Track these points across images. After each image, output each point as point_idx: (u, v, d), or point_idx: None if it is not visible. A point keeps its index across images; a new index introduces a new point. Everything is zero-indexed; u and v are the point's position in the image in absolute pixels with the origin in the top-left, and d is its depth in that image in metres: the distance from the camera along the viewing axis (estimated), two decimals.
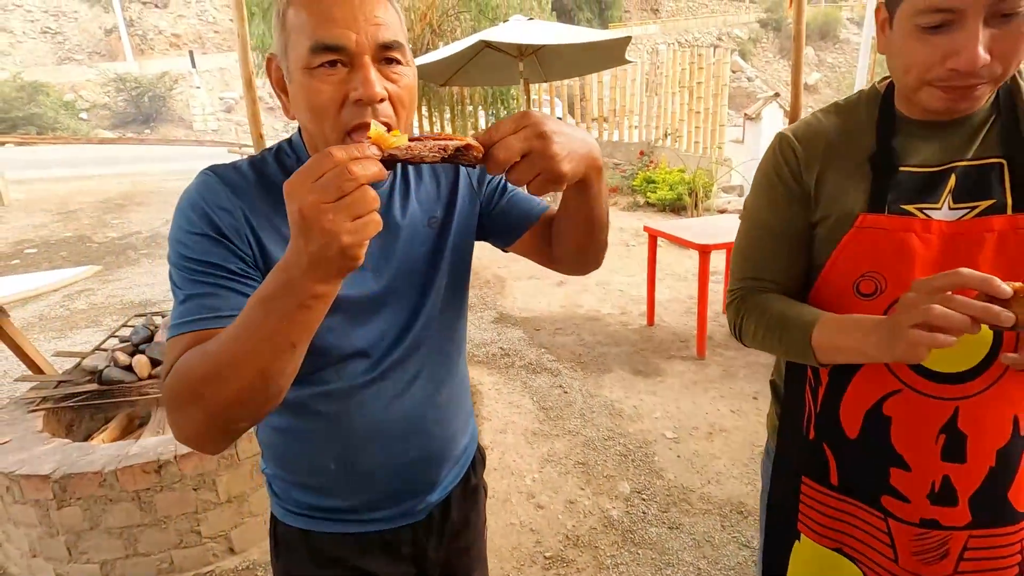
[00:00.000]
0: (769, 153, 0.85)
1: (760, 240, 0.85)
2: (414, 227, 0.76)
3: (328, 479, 0.78)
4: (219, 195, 0.65)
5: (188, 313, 0.60)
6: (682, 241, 3.23)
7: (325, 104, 0.61)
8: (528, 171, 0.56)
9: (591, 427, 2.53)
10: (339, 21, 0.60)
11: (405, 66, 0.66)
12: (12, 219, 6.93)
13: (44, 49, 20.98)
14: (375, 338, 0.74)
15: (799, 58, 3.80)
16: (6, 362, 3.30)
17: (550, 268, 0.88)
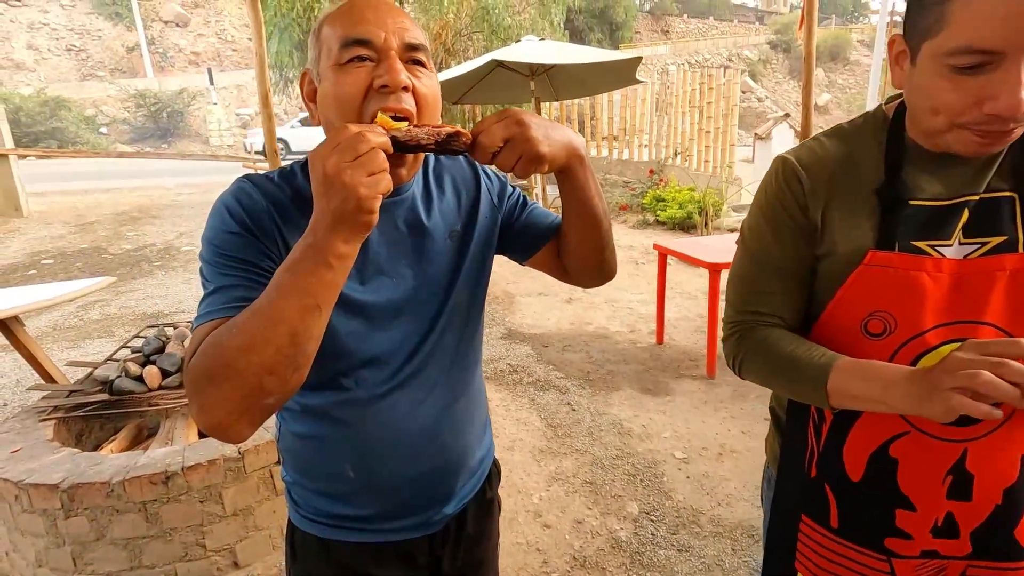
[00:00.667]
0: (772, 180, 0.79)
1: (762, 272, 0.81)
2: (435, 239, 0.78)
3: (346, 487, 0.79)
4: (253, 199, 0.68)
5: (216, 303, 0.63)
6: (692, 259, 3.22)
7: (352, 93, 0.66)
8: (511, 155, 0.64)
9: (599, 446, 2.51)
10: (369, 20, 0.67)
11: (429, 71, 0.71)
12: (31, 230, 7.06)
13: (68, 65, 21.55)
14: (393, 345, 0.75)
15: (809, 79, 3.82)
16: (19, 371, 3.34)
17: (565, 280, 0.91)
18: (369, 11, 0.67)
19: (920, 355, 0.69)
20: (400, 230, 0.76)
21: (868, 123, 0.76)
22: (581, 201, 0.76)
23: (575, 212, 0.78)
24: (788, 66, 34.81)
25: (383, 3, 0.70)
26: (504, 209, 0.87)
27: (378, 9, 0.68)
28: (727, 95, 7.60)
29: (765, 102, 28.57)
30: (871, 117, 0.76)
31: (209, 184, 11.08)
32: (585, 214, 0.78)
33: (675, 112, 8.66)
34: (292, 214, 0.69)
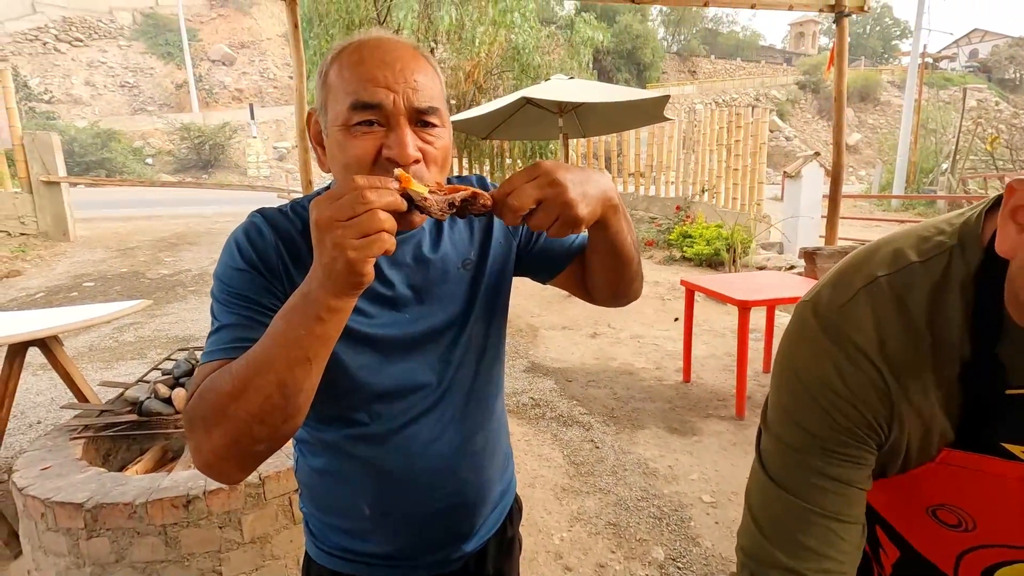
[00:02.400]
0: (811, 361, 0.55)
1: (799, 511, 0.56)
2: (447, 269, 0.76)
3: (363, 523, 0.77)
4: (263, 234, 0.68)
5: (219, 342, 0.63)
6: (721, 296, 3.16)
7: (359, 159, 0.63)
8: (546, 217, 0.59)
9: (623, 486, 2.43)
10: (379, 81, 0.63)
11: (440, 128, 0.67)
12: (76, 254, 7.37)
13: (121, 100, 22.85)
14: (407, 379, 0.74)
15: (841, 118, 3.81)
16: (55, 390, 3.42)
17: (587, 300, 0.88)
18: (380, 68, 0.63)
19: (1002, 564, 0.56)
20: (410, 264, 0.74)
21: (943, 275, 0.52)
22: (613, 244, 0.73)
23: (605, 252, 0.74)
24: (817, 106, 34.79)
25: (396, 55, 0.65)
26: (520, 235, 0.84)
27: (391, 65, 0.64)
28: (755, 133, 7.61)
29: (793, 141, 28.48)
30: (944, 270, 0.52)
31: (244, 213, 11.41)
32: (616, 254, 0.74)
33: (702, 149, 8.69)
34: (301, 249, 0.69)
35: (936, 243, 0.53)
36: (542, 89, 5.32)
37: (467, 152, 9.19)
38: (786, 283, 3.45)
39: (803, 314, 0.57)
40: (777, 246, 7.62)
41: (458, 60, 8.20)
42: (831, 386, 0.54)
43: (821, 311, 0.55)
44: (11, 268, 6.61)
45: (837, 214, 3.97)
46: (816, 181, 7.35)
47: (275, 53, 26.79)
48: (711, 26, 42.56)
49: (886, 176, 17.14)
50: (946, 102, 24.77)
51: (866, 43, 48.28)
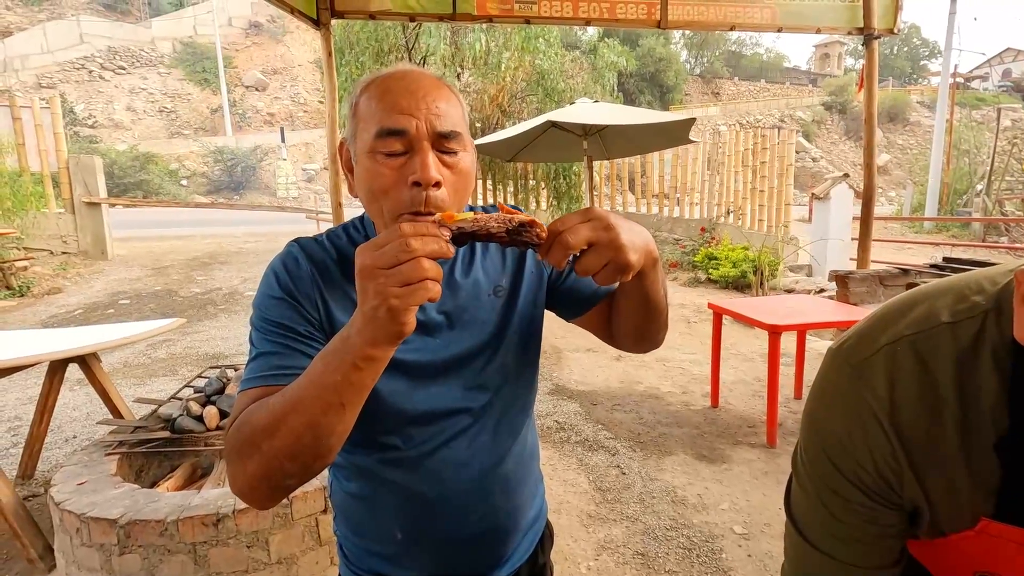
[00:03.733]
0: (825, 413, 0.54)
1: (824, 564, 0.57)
2: (479, 296, 0.77)
3: (395, 548, 0.78)
4: (299, 263, 0.71)
5: (257, 370, 0.65)
6: (750, 320, 3.10)
7: (384, 185, 0.66)
8: (597, 260, 0.58)
9: (651, 514, 2.37)
10: (403, 109, 0.66)
11: (463, 152, 0.70)
12: (113, 272, 7.62)
13: (159, 125, 23.79)
14: (439, 404, 0.74)
15: (871, 139, 3.76)
16: (90, 405, 3.51)
17: (609, 344, 0.88)
18: (405, 97, 0.67)
19: None
20: (445, 289, 0.75)
21: (986, 337, 0.48)
22: (648, 294, 0.73)
23: (639, 302, 0.74)
24: (844, 127, 34.39)
25: (420, 84, 0.69)
26: (550, 267, 0.84)
27: (414, 93, 0.67)
28: (782, 154, 7.54)
29: (820, 162, 28.12)
30: (988, 325, 0.48)
31: (274, 233, 11.74)
32: (649, 305, 0.74)
33: (727, 171, 8.64)
34: (335, 276, 0.71)
35: (971, 304, 0.49)
36: (567, 112, 5.37)
37: (491, 174, 9.30)
38: (818, 307, 3.37)
39: (827, 362, 0.55)
40: (805, 268, 7.48)
41: (483, 84, 8.35)
42: (841, 444, 0.52)
43: (840, 362, 0.53)
44: (52, 286, 6.86)
45: (869, 236, 3.89)
46: (845, 203, 7.22)
47: (306, 79, 27.67)
48: (734, 48, 42.63)
49: (918, 197, 16.76)
50: (979, 122, 24.24)
51: (894, 64, 47.75)
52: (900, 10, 3.63)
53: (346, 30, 7.25)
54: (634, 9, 3.46)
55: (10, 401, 3.64)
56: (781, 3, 3.50)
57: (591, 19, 3.47)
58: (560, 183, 8.50)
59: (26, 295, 6.56)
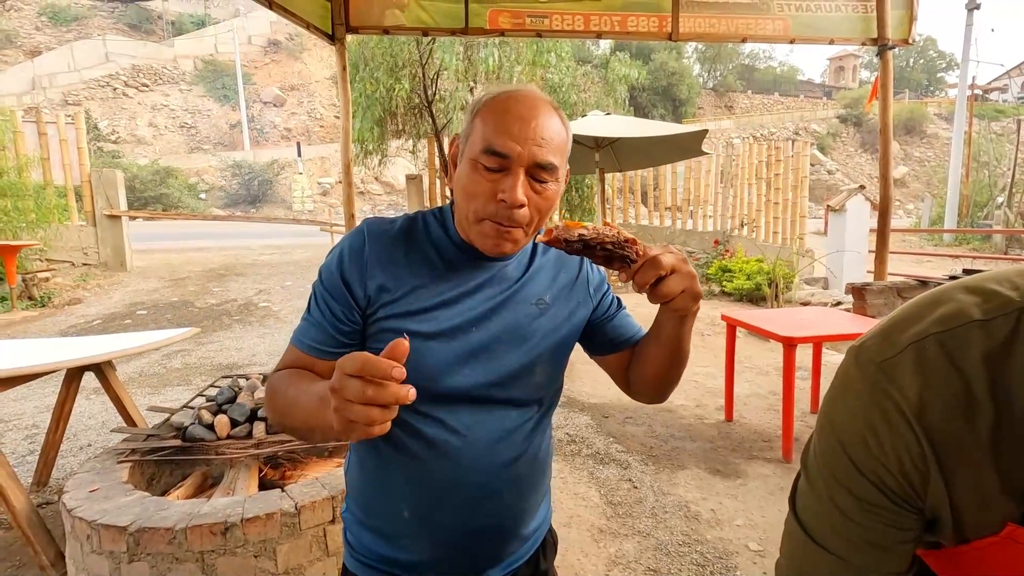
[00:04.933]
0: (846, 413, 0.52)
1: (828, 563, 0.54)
2: (523, 301, 0.83)
3: (400, 527, 0.81)
4: (360, 245, 0.79)
5: (298, 331, 0.81)
6: (765, 332, 3.06)
7: (477, 193, 0.75)
8: (678, 285, 0.68)
9: (663, 529, 2.32)
10: (512, 135, 0.73)
11: (553, 183, 0.77)
12: (132, 283, 7.75)
13: (179, 140, 24.32)
14: (467, 383, 0.78)
15: (887, 151, 3.72)
16: (105, 414, 3.55)
17: (622, 388, 0.94)
18: (517, 123, 0.73)
19: None
20: (493, 285, 0.82)
21: (1021, 335, 0.45)
22: (681, 340, 0.80)
23: (671, 346, 0.81)
24: (859, 139, 34.12)
25: (534, 112, 0.75)
26: (597, 302, 0.91)
27: (527, 121, 0.74)
28: (796, 167, 7.49)
29: (836, 175, 27.90)
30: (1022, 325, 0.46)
31: (289, 246, 11.87)
32: (678, 351, 0.81)
33: (741, 183, 8.59)
34: (390, 252, 0.79)
35: (1004, 300, 0.46)
36: (579, 125, 5.40)
37: None
38: (833, 319, 3.32)
39: (847, 361, 0.53)
40: (821, 281, 7.38)
41: None
42: (864, 443, 0.50)
43: (863, 362, 0.51)
44: (72, 296, 6.99)
45: (886, 248, 3.83)
46: (861, 215, 7.13)
47: (322, 95, 28.17)
48: (747, 62, 42.65)
49: (936, 210, 16.52)
50: (998, 134, 23.91)
51: (910, 76, 47.39)
52: (914, 20, 3.61)
53: (361, 46, 7.38)
54: (645, 22, 3.48)
55: (28, 409, 3.70)
56: (793, 14, 3.49)
57: (602, 32, 3.50)
58: (572, 195, 8.52)
59: (47, 305, 6.69)
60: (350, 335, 0.79)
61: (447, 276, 0.80)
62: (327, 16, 3.29)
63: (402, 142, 8.94)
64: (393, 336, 0.70)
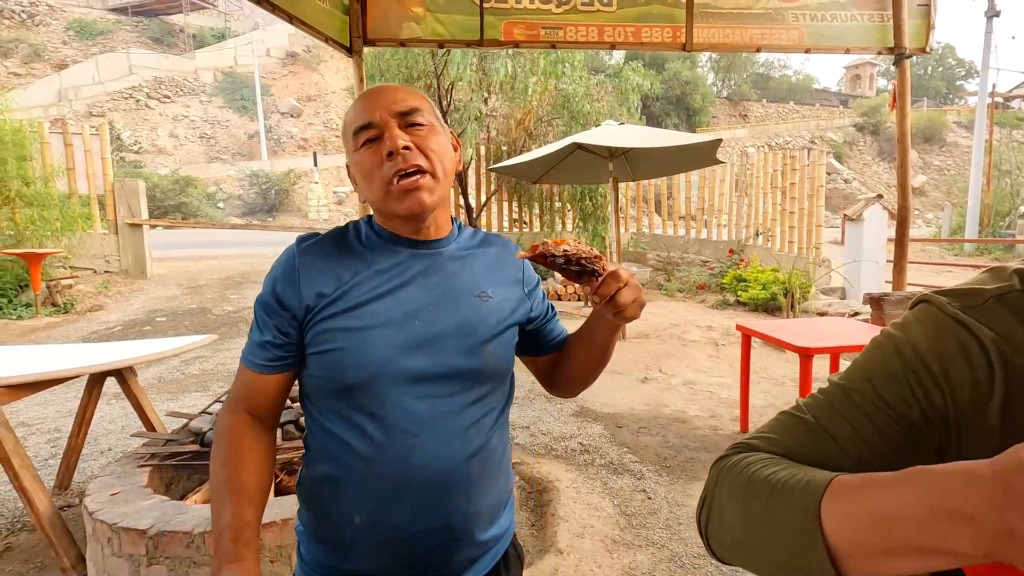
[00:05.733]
0: (920, 333, 0.50)
1: (814, 431, 0.52)
2: (465, 293, 0.86)
3: (351, 535, 0.81)
4: (291, 260, 0.83)
5: (245, 350, 0.85)
6: (781, 342, 3.03)
7: (369, 168, 0.81)
8: (631, 295, 0.78)
9: (678, 541, 2.30)
10: (368, 108, 0.82)
11: (428, 125, 0.83)
12: (151, 291, 7.89)
13: (199, 150, 24.77)
14: (413, 376, 0.80)
15: (905, 159, 3.68)
16: (125, 418, 3.61)
17: (545, 386, 1.03)
18: (368, 99, 0.83)
19: None
20: (431, 278, 0.85)
21: None
22: (610, 344, 0.91)
23: (600, 351, 0.91)
24: (876, 148, 33.73)
25: (380, 88, 0.85)
26: (534, 303, 0.96)
27: (376, 95, 0.83)
28: (812, 176, 7.43)
29: (852, 183, 27.59)
30: None
31: None
32: (606, 353, 0.92)
33: (755, 192, 8.54)
34: (317, 261, 0.82)
35: None
36: (593, 135, 5.41)
37: (517, 196, 9.38)
38: (852, 330, 3.28)
39: (921, 307, 0.52)
40: (838, 291, 7.28)
41: (510, 109, 8.48)
42: (926, 362, 0.49)
43: (943, 305, 0.50)
44: (94, 303, 7.14)
45: (905, 258, 3.78)
46: (879, 224, 7.05)
47: (338, 105, 28.56)
48: (762, 71, 42.48)
49: (957, 219, 16.25)
50: (1020, 142, 23.48)
51: (928, 84, 46.85)
52: (932, 29, 3.58)
53: (377, 58, 7.49)
54: (659, 33, 3.49)
55: (51, 414, 3.78)
56: (809, 24, 3.49)
57: (616, 43, 3.52)
58: (586, 204, 8.51)
59: (70, 312, 6.83)
60: (290, 347, 0.83)
61: (381, 270, 0.83)
62: (345, 29, 3.35)
63: None
64: (334, 335, 0.78)
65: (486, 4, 3.44)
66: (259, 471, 0.81)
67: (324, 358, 0.79)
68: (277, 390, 0.85)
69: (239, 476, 0.78)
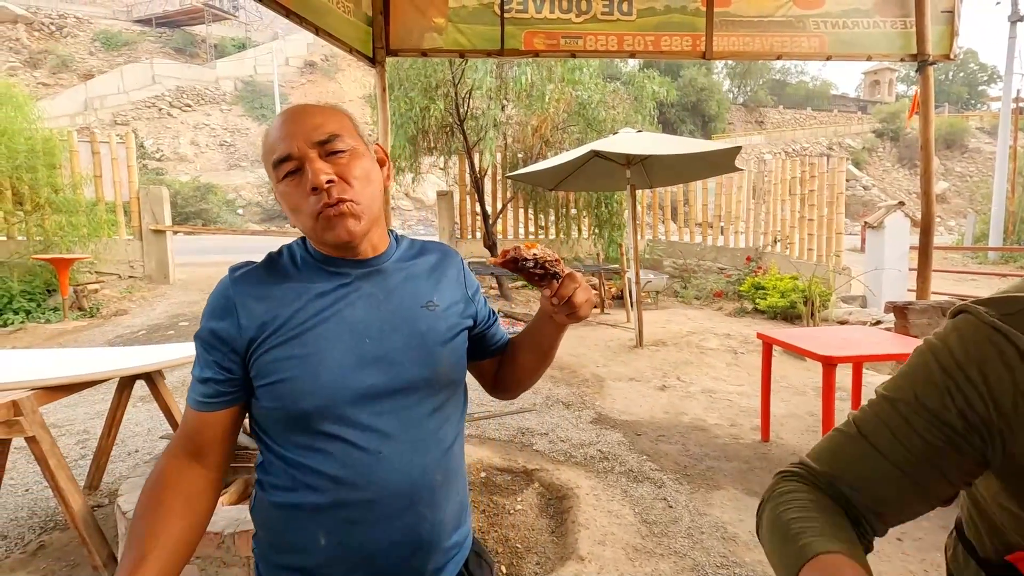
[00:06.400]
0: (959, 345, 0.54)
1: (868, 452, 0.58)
2: (411, 306, 0.86)
3: (316, 558, 0.79)
4: (225, 293, 0.81)
5: (190, 390, 0.82)
6: (802, 351, 3.00)
7: (297, 202, 0.79)
8: (584, 295, 0.82)
9: (700, 550, 2.29)
10: (285, 137, 0.78)
11: (349, 150, 0.81)
12: (174, 295, 8.04)
13: (219, 158, 25.20)
14: (370, 395, 0.79)
15: (928, 166, 3.64)
16: (151, 421, 3.68)
17: (487, 389, 1.04)
18: (284, 127, 0.79)
19: None
20: (375, 294, 0.84)
21: None
22: (555, 346, 0.94)
23: (545, 353, 0.94)
24: (896, 154, 33.29)
25: (296, 113, 0.81)
26: (477, 308, 0.96)
27: (292, 121, 0.79)
28: (832, 183, 7.36)
29: (872, 190, 27.23)
30: None
31: None
32: (550, 354, 0.95)
33: (773, 199, 8.47)
34: (253, 288, 0.80)
35: None
36: (611, 142, 5.43)
37: (532, 203, 9.41)
38: (875, 339, 3.24)
39: (958, 319, 0.56)
40: (859, 299, 7.19)
41: (526, 116, 8.53)
42: (967, 372, 0.52)
43: (980, 314, 0.54)
44: (119, 307, 7.29)
45: (929, 267, 3.73)
46: (901, 232, 6.95)
47: (355, 113, 28.84)
48: (779, 77, 42.18)
49: (980, 227, 15.95)
50: None
51: (950, 89, 46.14)
52: (956, 35, 3.55)
53: (396, 67, 7.59)
54: (679, 41, 3.51)
55: (80, 415, 3.86)
56: (830, 31, 3.48)
57: (636, 52, 3.54)
58: (602, 211, 8.52)
59: (95, 316, 6.98)
60: (233, 382, 0.80)
61: (322, 292, 0.81)
62: (368, 40, 3.41)
63: (433, 159, 9.11)
64: (282, 364, 0.77)
65: (507, 14, 3.49)
66: (180, 522, 0.75)
67: (274, 389, 0.77)
68: (223, 428, 0.80)
69: (151, 529, 0.73)
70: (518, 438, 3.37)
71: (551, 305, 0.83)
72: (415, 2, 3.48)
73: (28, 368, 2.25)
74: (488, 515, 2.53)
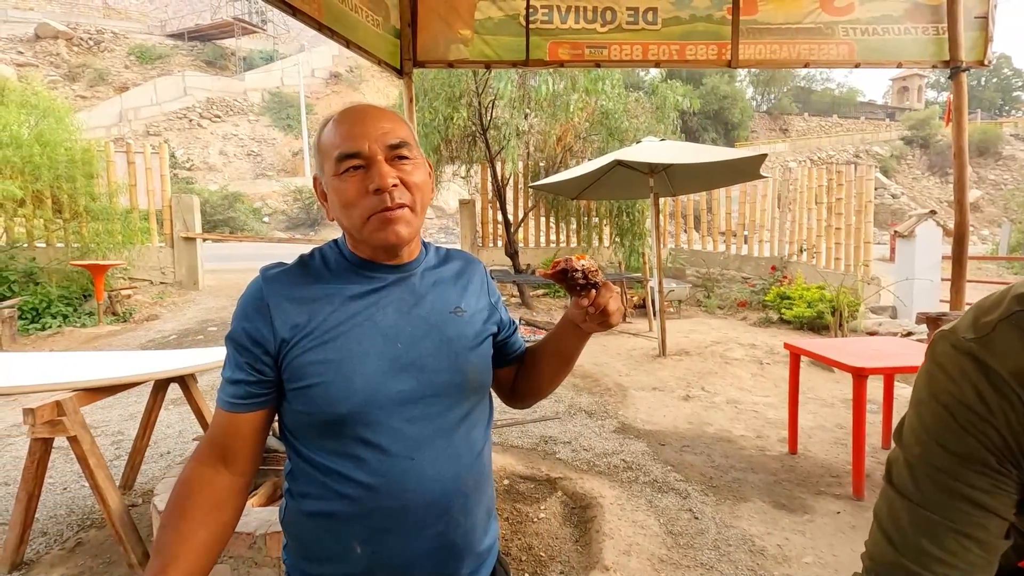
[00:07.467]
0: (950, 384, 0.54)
1: (925, 522, 0.55)
2: (441, 312, 0.86)
3: (353, 566, 0.79)
4: (258, 294, 0.80)
5: (219, 391, 0.81)
6: (832, 362, 2.95)
7: (352, 198, 0.79)
8: (616, 303, 0.84)
9: (728, 563, 2.25)
10: (356, 136, 0.79)
11: (413, 160, 0.83)
12: (203, 301, 8.24)
13: (246, 167, 25.80)
14: (402, 400, 0.79)
15: (963, 174, 3.56)
16: (182, 423, 3.77)
17: (499, 395, 1.03)
18: (356, 125, 0.80)
19: None
20: (406, 299, 0.85)
21: None
22: (577, 354, 0.94)
23: (567, 361, 0.94)
24: (926, 162, 32.54)
25: (368, 113, 0.82)
26: (499, 316, 0.97)
27: (364, 121, 0.81)
28: (860, 191, 7.23)
29: (900, 199, 26.64)
30: None
31: None
32: (571, 364, 0.95)
33: (799, 208, 8.35)
34: (287, 289, 0.80)
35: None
36: (634, 152, 5.42)
37: (554, 211, 9.42)
38: (906, 350, 3.16)
39: (940, 346, 0.57)
40: (889, 310, 7.02)
41: (549, 125, 8.57)
42: (971, 406, 0.53)
43: (958, 341, 0.55)
44: (150, 313, 7.49)
45: (963, 277, 3.64)
46: (933, 241, 6.78)
47: None
48: (804, 84, 41.65)
49: (1016, 236, 15.46)
50: None
51: (982, 95, 45.00)
52: (990, 41, 3.47)
53: (420, 77, 7.70)
54: (704, 50, 3.50)
55: (114, 417, 3.98)
56: (859, 38, 3.43)
57: (660, 61, 3.54)
58: (623, 220, 8.48)
59: (128, 321, 7.19)
60: (265, 384, 0.79)
61: (354, 296, 0.81)
62: (396, 52, 3.48)
63: (455, 168, 9.20)
64: (316, 368, 0.76)
65: (532, 25, 3.53)
66: (204, 531, 0.75)
67: (307, 392, 0.76)
68: (252, 430, 0.79)
69: (175, 538, 0.73)
70: (541, 446, 3.37)
71: (586, 313, 0.83)
72: (442, 14, 3.54)
73: (69, 370, 2.34)
74: (512, 523, 2.53)
